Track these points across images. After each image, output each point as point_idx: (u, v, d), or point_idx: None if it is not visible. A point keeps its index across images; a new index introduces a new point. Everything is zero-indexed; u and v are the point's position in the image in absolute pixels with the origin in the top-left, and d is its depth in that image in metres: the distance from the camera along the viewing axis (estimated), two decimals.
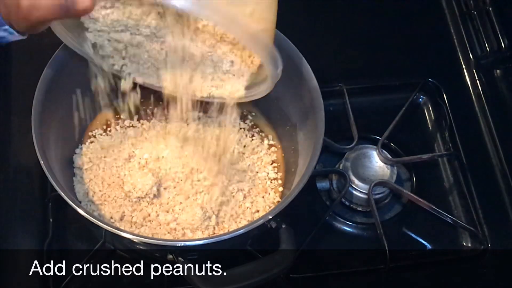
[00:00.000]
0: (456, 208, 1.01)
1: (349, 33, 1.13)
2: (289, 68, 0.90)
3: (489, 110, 1.06)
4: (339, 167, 1.00)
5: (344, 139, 1.01)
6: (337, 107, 1.04)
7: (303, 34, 1.02)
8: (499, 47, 1.09)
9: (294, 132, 0.94)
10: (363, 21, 1.15)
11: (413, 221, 0.99)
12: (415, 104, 1.08)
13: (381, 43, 1.13)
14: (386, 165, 0.99)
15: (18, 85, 1.01)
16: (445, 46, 1.14)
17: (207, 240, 0.78)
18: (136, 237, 0.78)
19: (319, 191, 1.00)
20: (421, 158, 1.02)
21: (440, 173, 1.04)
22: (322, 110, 0.85)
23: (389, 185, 0.98)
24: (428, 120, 1.09)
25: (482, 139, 1.05)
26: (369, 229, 0.98)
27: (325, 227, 0.97)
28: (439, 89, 1.08)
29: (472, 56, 1.12)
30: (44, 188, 0.93)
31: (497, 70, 1.10)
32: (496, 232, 0.98)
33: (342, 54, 1.11)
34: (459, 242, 0.99)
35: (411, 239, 0.98)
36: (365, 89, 1.09)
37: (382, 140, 1.00)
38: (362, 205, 0.99)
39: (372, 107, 1.08)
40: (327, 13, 1.15)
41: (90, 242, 0.90)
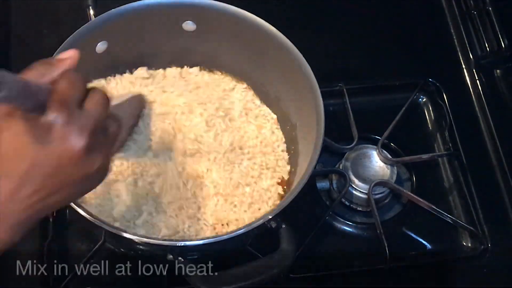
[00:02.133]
0: (456, 208, 1.01)
1: (349, 33, 1.13)
2: (289, 68, 0.90)
3: (489, 110, 1.06)
4: (339, 167, 1.00)
5: (344, 139, 1.00)
6: (337, 107, 1.04)
7: (303, 34, 1.02)
8: (499, 47, 1.09)
9: (294, 132, 0.94)
10: (363, 21, 1.14)
11: (413, 221, 0.99)
12: (415, 104, 1.08)
13: (381, 43, 1.13)
14: (386, 165, 0.99)
15: None
16: (445, 46, 1.14)
17: (207, 240, 0.78)
18: (136, 237, 0.78)
19: (319, 191, 1.00)
20: (421, 158, 1.02)
21: (440, 173, 1.04)
22: (322, 110, 0.85)
23: (389, 185, 0.98)
24: (428, 120, 1.09)
25: (482, 139, 1.05)
26: (369, 229, 0.98)
27: (325, 227, 0.97)
28: (439, 89, 1.08)
29: (472, 56, 1.12)
30: None
31: (497, 70, 1.10)
32: (496, 232, 0.98)
33: (342, 54, 1.11)
34: (459, 242, 0.99)
35: (411, 239, 0.98)
36: (365, 89, 1.08)
37: (382, 140, 1.00)
38: (362, 205, 0.99)
39: (372, 107, 1.08)
40: (327, 13, 1.15)
41: (90, 242, 0.90)
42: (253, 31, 0.91)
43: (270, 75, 0.95)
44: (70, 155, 0.56)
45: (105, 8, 0.90)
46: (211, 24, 0.94)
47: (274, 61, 0.93)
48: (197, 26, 0.95)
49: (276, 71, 0.94)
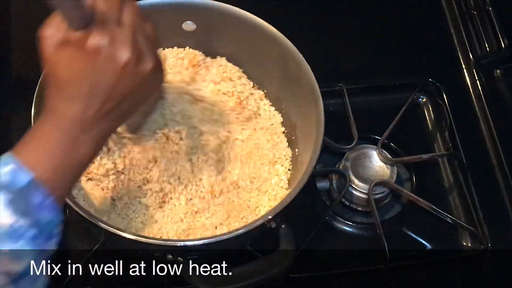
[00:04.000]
0: (456, 208, 1.01)
1: (349, 33, 1.13)
2: (289, 68, 0.90)
3: (489, 110, 1.06)
4: (339, 167, 1.00)
5: (344, 139, 1.00)
6: (337, 107, 1.04)
7: (303, 34, 1.03)
8: (499, 47, 1.09)
9: (294, 132, 0.94)
10: (363, 21, 1.14)
11: (413, 221, 0.99)
12: (415, 104, 1.08)
13: (381, 43, 1.13)
14: (386, 165, 0.99)
15: (18, 85, 1.01)
16: (445, 46, 1.14)
17: (207, 240, 0.78)
18: (136, 237, 0.78)
19: (319, 191, 1.00)
20: (421, 158, 1.02)
21: (440, 173, 1.04)
22: (322, 110, 0.85)
23: (389, 185, 0.98)
24: (428, 120, 1.09)
25: (482, 139, 1.05)
26: (369, 229, 0.98)
27: (325, 227, 0.97)
28: (439, 89, 1.08)
29: (472, 56, 1.12)
30: None
31: (497, 70, 1.10)
32: (496, 232, 0.98)
33: (342, 54, 1.11)
34: (459, 242, 0.99)
35: (411, 239, 0.98)
36: (365, 89, 1.09)
37: (382, 140, 1.00)
38: (362, 205, 0.99)
39: (372, 107, 1.08)
40: (327, 13, 1.15)
41: (90, 242, 0.90)
42: (253, 31, 0.91)
43: (270, 75, 0.95)
44: (122, 67, 0.63)
45: None
46: (211, 24, 0.94)
47: (274, 61, 0.93)
48: (197, 26, 0.95)
49: (276, 71, 0.94)
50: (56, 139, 0.64)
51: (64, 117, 0.64)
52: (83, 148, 0.65)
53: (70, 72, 0.63)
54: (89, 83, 0.63)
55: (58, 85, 0.64)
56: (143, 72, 0.65)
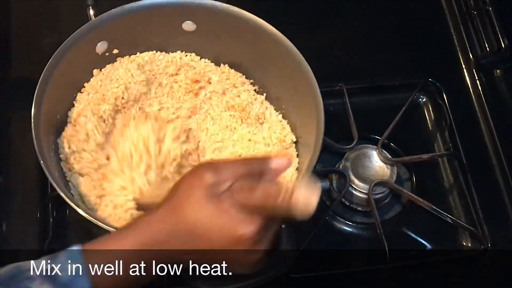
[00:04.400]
0: (456, 208, 1.01)
1: (349, 33, 1.13)
2: (289, 68, 0.90)
3: (489, 110, 1.06)
4: (339, 167, 1.00)
5: (344, 139, 1.01)
6: (337, 107, 1.04)
7: (303, 34, 1.03)
8: (499, 47, 1.09)
9: (294, 132, 0.94)
10: (363, 21, 1.15)
11: (413, 221, 0.99)
12: (415, 104, 1.08)
13: (381, 43, 1.13)
14: (386, 165, 0.99)
15: (17, 85, 1.01)
16: (445, 46, 1.14)
17: None
18: None
19: None
20: (421, 158, 1.02)
21: (440, 173, 1.04)
22: (322, 110, 0.85)
23: (389, 185, 0.98)
24: (428, 120, 1.09)
25: (482, 139, 1.05)
26: (369, 229, 0.98)
27: (325, 227, 0.97)
28: (439, 89, 1.08)
29: (472, 56, 1.12)
30: (44, 188, 0.93)
31: (497, 70, 1.10)
32: (496, 232, 0.98)
33: (342, 54, 1.11)
34: (459, 242, 0.99)
35: (411, 239, 0.98)
36: (365, 89, 1.09)
37: (382, 140, 1.00)
38: (362, 205, 0.99)
39: (372, 107, 1.08)
40: (327, 13, 1.14)
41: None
42: (253, 31, 0.91)
43: (270, 75, 0.95)
44: (239, 236, 0.63)
45: (105, 8, 0.90)
46: (211, 24, 0.94)
47: (274, 61, 0.93)
48: (197, 26, 0.95)
49: (276, 71, 0.94)
50: (128, 256, 0.64)
51: (148, 244, 0.64)
52: (148, 275, 0.65)
53: (207, 226, 0.63)
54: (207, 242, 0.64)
55: (184, 225, 0.63)
56: (253, 256, 0.66)
